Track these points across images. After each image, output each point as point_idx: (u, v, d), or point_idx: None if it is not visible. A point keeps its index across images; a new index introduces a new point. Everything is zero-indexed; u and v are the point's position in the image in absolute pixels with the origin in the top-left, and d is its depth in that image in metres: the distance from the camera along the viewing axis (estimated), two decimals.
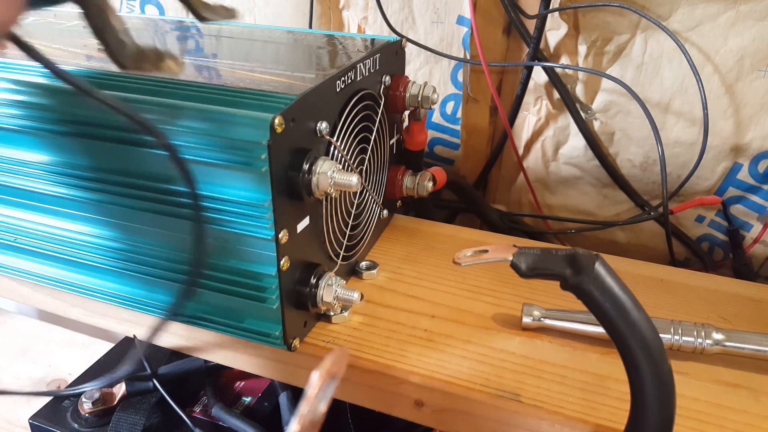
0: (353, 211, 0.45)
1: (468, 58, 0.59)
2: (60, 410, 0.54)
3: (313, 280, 0.38)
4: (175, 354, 0.44)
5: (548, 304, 0.42)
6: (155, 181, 0.36)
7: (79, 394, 0.54)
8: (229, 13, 0.29)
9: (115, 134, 0.35)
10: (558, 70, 0.57)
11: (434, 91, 0.47)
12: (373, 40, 0.48)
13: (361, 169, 0.45)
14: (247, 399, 0.56)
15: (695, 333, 0.38)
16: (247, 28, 0.53)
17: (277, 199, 0.33)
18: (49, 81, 0.37)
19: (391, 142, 0.50)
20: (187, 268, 0.35)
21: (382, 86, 0.46)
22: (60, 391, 0.56)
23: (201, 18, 0.27)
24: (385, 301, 0.44)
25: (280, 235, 0.34)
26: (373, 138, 0.45)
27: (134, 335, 0.46)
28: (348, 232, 0.44)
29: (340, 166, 0.36)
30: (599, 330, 0.38)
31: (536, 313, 0.41)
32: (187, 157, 0.34)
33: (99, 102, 0.24)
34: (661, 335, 0.34)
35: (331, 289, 0.39)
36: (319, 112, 0.37)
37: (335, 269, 0.43)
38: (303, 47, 0.47)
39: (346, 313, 0.41)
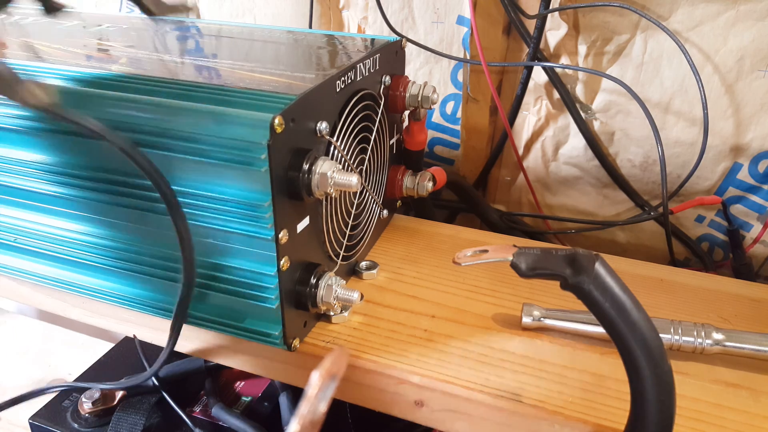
0: (353, 211, 0.45)
1: (468, 58, 0.59)
2: (60, 410, 0.54)
3: (313, 280, 0.38)
4: (175, 354, 0.44)
5: (548, 304, 0.42)
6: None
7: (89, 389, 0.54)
8: (182, 7, 0.31)
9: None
10: (558, 70, 0.57)
11: (434, 91, 0.47)
12: (373, 40, 0.48)
13: (361, 169, 0.45)
14: (247, 399, 0.56)
15: (695, 333, 0.38)
16: (247, 28, 0.53)
17: (277, 199, 0.33)
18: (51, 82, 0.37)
19: (391, 142, 0.50)
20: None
21: (382, 86, 0.46)
22: (69, 384, 0.56)
23: (149, 13, 0.30)
24: (385, 301, 0.44)
25: (280, 235, 0.34)
26: (373, 138, 0.45)
27: (134, 335, 0.46)
28: (348, 232, 0.44)
29: (340, 166, 0.36)
30: (599, 330, 0.38)
31: (536, 313, 0.41)
32: (187, 157, 0.34)
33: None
34: (661, 335, 0.34)
35: (331, 289, 0.39)
36: (319, 112, 0.37)
37: (335, 269, 0.43)
38: (303, 47, 0.47)
39: (346, 313, 0.41)
